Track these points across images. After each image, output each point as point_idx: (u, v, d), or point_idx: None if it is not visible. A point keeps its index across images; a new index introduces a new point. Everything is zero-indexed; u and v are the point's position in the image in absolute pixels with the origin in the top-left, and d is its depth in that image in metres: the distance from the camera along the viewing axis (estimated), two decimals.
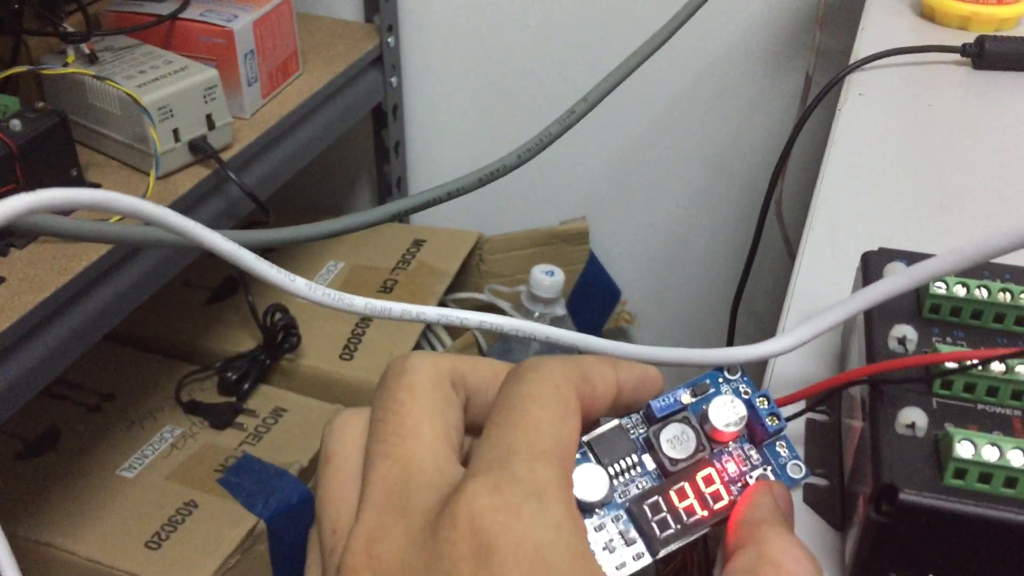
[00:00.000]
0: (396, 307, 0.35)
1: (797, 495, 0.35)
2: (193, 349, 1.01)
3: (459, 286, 1.14)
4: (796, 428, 0.37)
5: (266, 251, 1.13)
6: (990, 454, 0.28)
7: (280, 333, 0.98)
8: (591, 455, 0.28)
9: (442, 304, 1.09)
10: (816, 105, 0.66)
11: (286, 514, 0.84)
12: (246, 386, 0.96)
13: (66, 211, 0.63)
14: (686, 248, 1.18)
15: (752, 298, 1.11)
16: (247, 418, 0.94)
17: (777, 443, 0.29)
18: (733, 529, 0.26)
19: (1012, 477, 0.28)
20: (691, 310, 1.22)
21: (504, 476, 0.22)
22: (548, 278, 1.05)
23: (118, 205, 0.27)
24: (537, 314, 1.05)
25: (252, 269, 0.32)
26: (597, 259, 1.19)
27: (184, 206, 0.80)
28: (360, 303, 0.35)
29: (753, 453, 0.29)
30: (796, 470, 0.29)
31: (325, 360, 0.99)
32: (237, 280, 1.03)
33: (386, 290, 1.06)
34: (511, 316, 0.72)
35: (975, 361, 0.31)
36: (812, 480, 0.35)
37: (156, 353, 1.01)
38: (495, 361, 0.28)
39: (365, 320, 1.03)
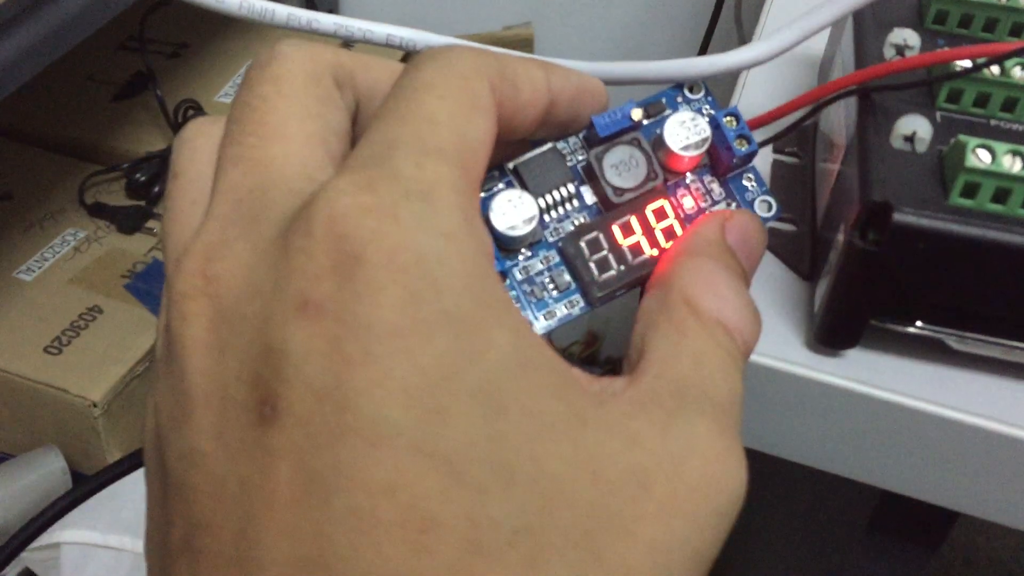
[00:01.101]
0: (280, 10, 0.28)
1: None
2: (98, 148, 0.93)
3: None
4: (762, 169, 0.31)
5: (173, 56, 1.03)
6: (1011, 165, 0.22)
7: None
8: (517, 184, 0.22)
9: None
10: None
11: None
12: (157, 188, 0.88)
13: None
14: (638, 58, 1.11)
15: None
16: (158, 223, 0.87)
17: (744, 176, 0.24)
18: (659, 265, 0.21)
19: None
20: None
21: (380, 172, 0.16)
22: None
23: None
24: None
25: None
26: None
27: None
28: (233, 2, 0.28)
29: (715, 186, 0.24)
30: (765, 207, 0.24)
31: None
32: (146, 75, 0.94)
33: None
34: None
35: (989, 68, 0.25)
36: (777, 225, 0.30)
37: (58, 152, 0.93)
38: (397, 63, 0.21)
39: None
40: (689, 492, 0.16)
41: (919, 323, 0.25)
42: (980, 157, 0.22)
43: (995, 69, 0.25)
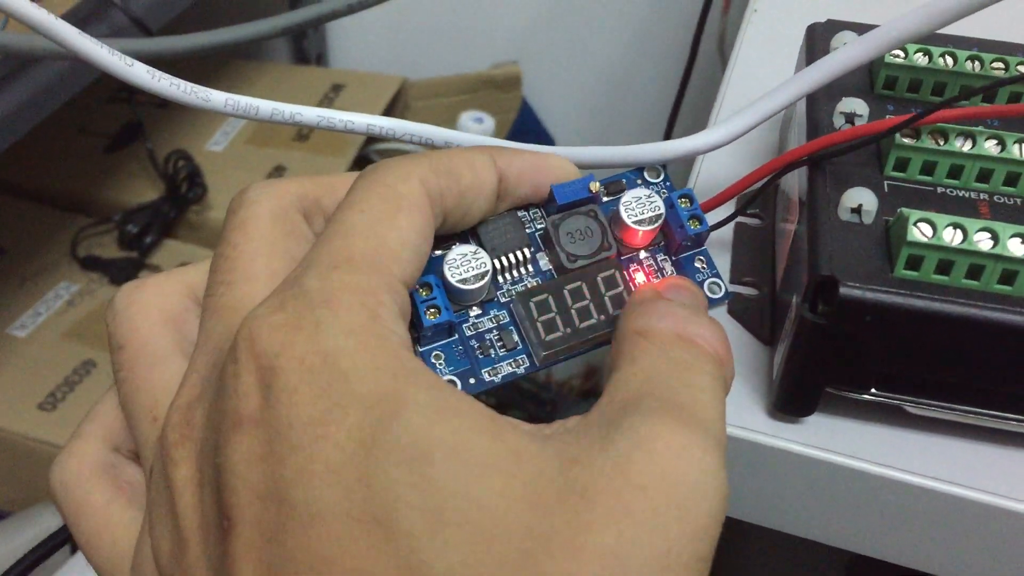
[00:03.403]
0: (265, 105, 0.29)
1: (720, 310, 0.29)
2: (90, 200, 0.93)
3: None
4: (723, 235, 0.32)
5: (163, 106, 1.04)
6: (952, 237, 0.23)
7: (184, 183, 0.90)
8: (475, 244, 0.23)
9: (363, 156, 1.02)
10: None
11: None
12: (149, 239, 0.89)
13: None
14: (624, 95, 1.11)
15: None
16: (151, 274, 0.87)
17: (696, 257, 0.24)
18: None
19: (977, 265, 0.23)
20: None
21: (291, 292, 0.18)
22: (477, 125, 0.99)
23: None
24: None
25: (77, 48, 0.26)
26: (530, 106, 1.12)
27: None
28: (219, 98, 0.29)
29: (667, 265, 0.24)
30: (715, 288, 0.24)
31: None
32: (136, 126, 0.95)
33: (301, 138, 0.99)
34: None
35: (934, 137, 0.25)
36: (739, 289, 0.30)
37: (49, 205, 0.93)
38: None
39: (278, 170, 0.96)
40: (637, 491, 0.16)
41: (873, 391, 0.25)
42: (922, 231, 0.23)
43: (940, 139, 0.25)
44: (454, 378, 0.22)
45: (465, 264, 0.22)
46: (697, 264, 0.24)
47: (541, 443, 0.17)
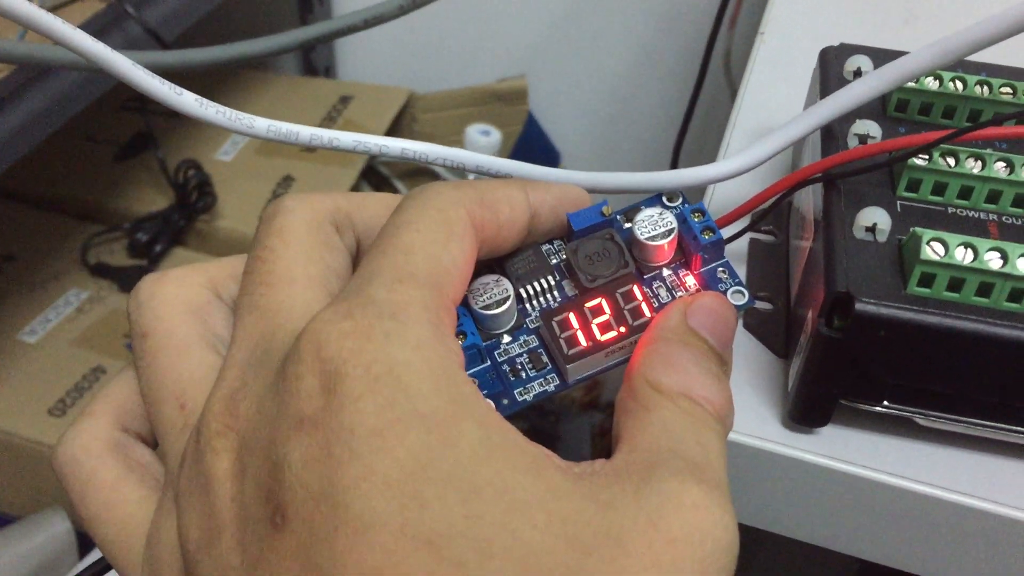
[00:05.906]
0: (304, 131, 0.30)
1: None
2: (100, 209, 0.94)
3: None
4: (738, 249, 0.33)
5: (174, 115, 1.05)
6: (963, 256, 0.24)
7: (194, 192, 0.91)
8: (502, 276, 0.24)
9: (370, 168, 1.03)
10: None
11: None
12: (158, 248, 0.90)
13: None
14: (629, 108, 1.12)
15: (695, 160, 1.06)
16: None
17: (718, 268, 0.25)
18: (632, 358, 0.22)
19: (987, 283, 0.24)
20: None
21: (358, 300, 0.19)
22: (484, 138, 1.00)
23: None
24: (472, 177, 0.99)
25: (131, 79, 0.27)
26: (536, 120, 1.13)
27: None
28: (262, 125, 0.30)
29: (689, 279, 0.25)
30: (738, 296, 0.25)
31: (244, 222, 0.92)
32: (147, 135, 0.96)
33: (309, 150, 1.00)
34: (445, 179, 0.67)
35: (945, 159, 0.26)
36: (755, 305, 0.31)
37: (60, 213, 0.94)
38: (391, 196, 0.24)
39: (287, 180, 0.97)
40: (667, 544, 0.17)
41: (886, 403, 0.26)
42: (935, 249, 0.24)
43: (950, 160, 0.26)
44: (489, 401, 0.23)
45: (488, 291, 0.23)
46: (720, 275, 0.25)
47: (574, 482, 0.18)
